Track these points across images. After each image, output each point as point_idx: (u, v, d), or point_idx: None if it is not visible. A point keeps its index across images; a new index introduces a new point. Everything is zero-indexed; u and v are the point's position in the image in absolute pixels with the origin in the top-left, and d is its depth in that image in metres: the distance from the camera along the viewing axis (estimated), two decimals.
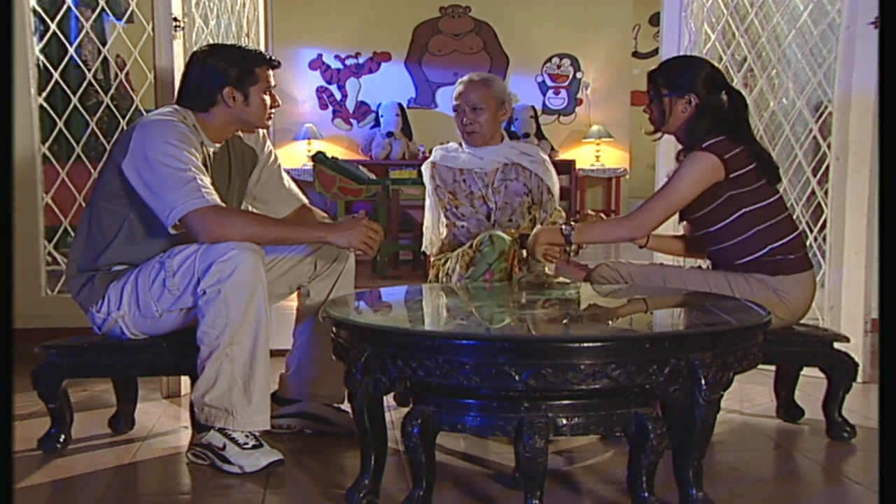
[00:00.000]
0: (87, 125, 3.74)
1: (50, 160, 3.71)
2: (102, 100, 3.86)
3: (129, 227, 2.42)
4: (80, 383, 3.19)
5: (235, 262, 2.21)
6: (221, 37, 3.68)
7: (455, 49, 10.02)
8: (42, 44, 3.75)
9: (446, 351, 1.77)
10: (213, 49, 2.54)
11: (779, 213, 2.59)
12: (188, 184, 2.26)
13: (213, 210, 2.26)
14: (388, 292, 2.67)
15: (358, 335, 1.94)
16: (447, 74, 10.01)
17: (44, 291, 3.69)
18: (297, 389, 2.67)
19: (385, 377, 1.88)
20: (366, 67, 9.99)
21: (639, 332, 2.06)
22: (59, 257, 3.79)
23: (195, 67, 2.49)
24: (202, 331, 2.25)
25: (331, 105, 9.97)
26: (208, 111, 2.47)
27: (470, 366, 1.75)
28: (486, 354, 1.75)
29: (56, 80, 3.68)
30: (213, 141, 2.51)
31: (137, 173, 2.31)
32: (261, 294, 2.26)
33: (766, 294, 2.51)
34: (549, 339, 1.88)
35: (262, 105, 2.48)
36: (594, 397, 1.83)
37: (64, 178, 3.72)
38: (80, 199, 3.69)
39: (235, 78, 2.45)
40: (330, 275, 2.62)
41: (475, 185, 3.09)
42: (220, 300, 2.22)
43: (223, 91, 2.45)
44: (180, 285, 2.30)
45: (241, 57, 2.48)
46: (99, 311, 2.42)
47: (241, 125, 2.53)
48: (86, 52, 4.65)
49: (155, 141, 2.31)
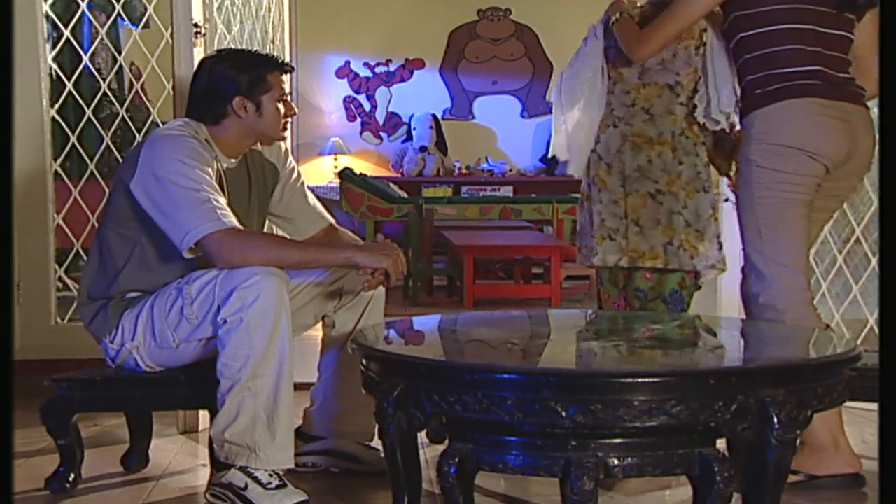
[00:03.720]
0: (100, 139, 3.79)
1: (62, 177, 3.76)
2: (116, 111, 3.91)
3: (142, 251, 2.45)
4: (91, 418, 3.24)
5: (258, 289, 2.24)
6: (245, 43, 3.73)
7: (494, 55, 10.07)
8: (55, 52, 3.78)
9: (486, 385, 1.79)
10: (220, 55, 2.59)
11: (778, 42, 2.52)
12: (203, 205, 2.30)
13: (232, 233, 2.30)
14: (422, 321, 2.69)
15: (390, 367, 1.96)
16: (485, 83, 10.06)
17: (54, 319, 3.72)
18: (323, 425, 2.69)
19: (419, 412, 1.89)
20: (397, 76, 10.07)
21: (701, 366, 2.05)
22: (70, 283, 3.83)
23: (203, 76, 2.53)
24: (223, 363, 2.28)
25: (359, 117, 10.05)
26: (220, 123, 2.50)
27: (512, 401, 1.76)
28: (529, 389, 1.76)
29: (69, 90, 3.73)
30: (229, 156, 2.54)
31: (147, 195, 2.35)
32: (285, 323, 2.28)
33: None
34: (599, 373, 1.88)
35: (276, 114, 2.51)
36: (651, 436, 1.81)
37: (76, 198, 3.76)
38: (94, 219, 3.73)
39: (246, 86, 2.47)
40: (357, 303, 2.65)
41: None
42: (242, 330, 2.25)
43: (233, 101, 2.47)
44: (199, 314, 2.33)
45: (251, 63, 2.51)
46: (112, 342, 2.46)
47: (256, 138, 2.56)
48: (99, 60, 4.73)
49: (164, 159, 2.35)
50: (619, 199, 2.92)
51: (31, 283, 3.64)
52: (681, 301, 2.95)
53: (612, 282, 2.99)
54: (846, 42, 2.58)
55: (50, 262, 3.71)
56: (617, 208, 2.92)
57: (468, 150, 9.95)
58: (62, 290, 3.85)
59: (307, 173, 9.89)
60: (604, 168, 2.94)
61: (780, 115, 2.51)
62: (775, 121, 2.51)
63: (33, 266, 3.64)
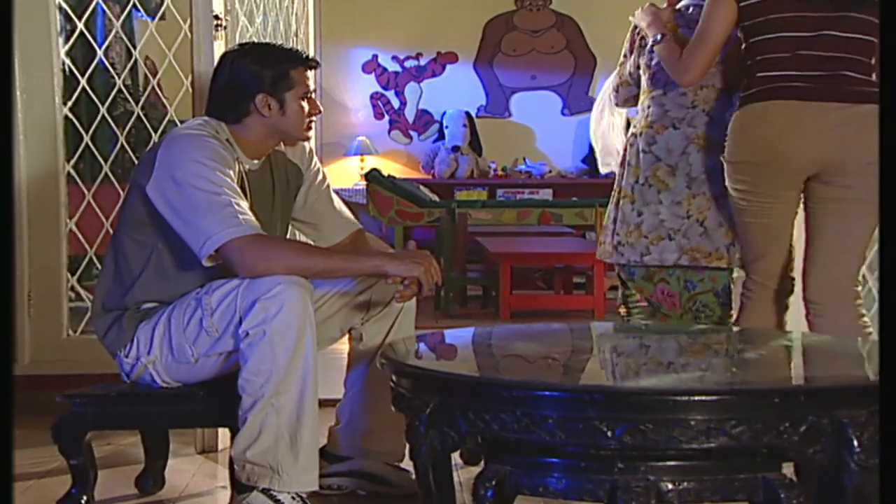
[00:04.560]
0: (114, 139, 3.82)
1: (75, 180, 3.78)
2: (131, 109, 3.94)
3: (158, 259, 2.48)
4: (105, 436, 3.28)
5: (282, 300, 2.26)
6: (268, 36, 3.76)
7: (533, 48, 10.06)
8: (68, 46, 3.80)
9: (525, 402, 1.79)
10: (243, 49, 2.61)
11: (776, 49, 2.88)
12: (224, 209, 2.32)
13: (254, 240, 2.32)
14: (455, 334, 2.70)
15: (422, 383, 1.97)
16: (523, 78, 10.05)
17: (66, 332, 3.74)
18: (349, 445, 2.71)
19: (453, 432, 1.90)
20: (428, 70, 10.09)
21: (765, 383, 2.04)
22: (83, 292, 3.85)
23: (224, 72, 2.56)
24: (245, 378, 2.30)
25: (387, 114, 10.08)
26: (241, 122, 2.52)
27: (553, 420, 1.76)
28: (572, 407, 1.76)
29: (83, 87, 3.76)
30: (251, 157, 2.56)
31: (164, 199, 2.37)
32: (310, 336, 2.30)
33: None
34: (650, 390, 1.88)
35: (300, 113, 2.53)
36: (708, 458, 1.80)
37: (90, 201, 3.78)
38: (108, 225, 3.77)
39: (269, 83, 2.50)
40: (386, 315, 2.66)
41: None
42: (265, 343, 2.26)
43: (255, 98, 2.50)
44: (220, 326, 2.35)
45: (274, 58, 2.53)
46: (127, 356, 2.48)
47: (280, 138, 2.58)
48: (113, 55, 4.76)
49: (183, 160, 2.37)
50: (682, 200, 3.14)
51: (42, 292, 3.68)
52: (730, 296, 3.20)
53: (646, 278, 3.23)
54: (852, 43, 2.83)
55: (62, 270, 3.73)
56: (679, 209, 3.14)
57: (504, 151, 9.94)
58: (75, 300, 3.87)
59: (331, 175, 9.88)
60: (664, 170, 3.16)
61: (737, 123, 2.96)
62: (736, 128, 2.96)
63: (44, 275, 3.67)
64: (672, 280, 3.21)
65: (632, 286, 3.28)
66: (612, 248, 3.25)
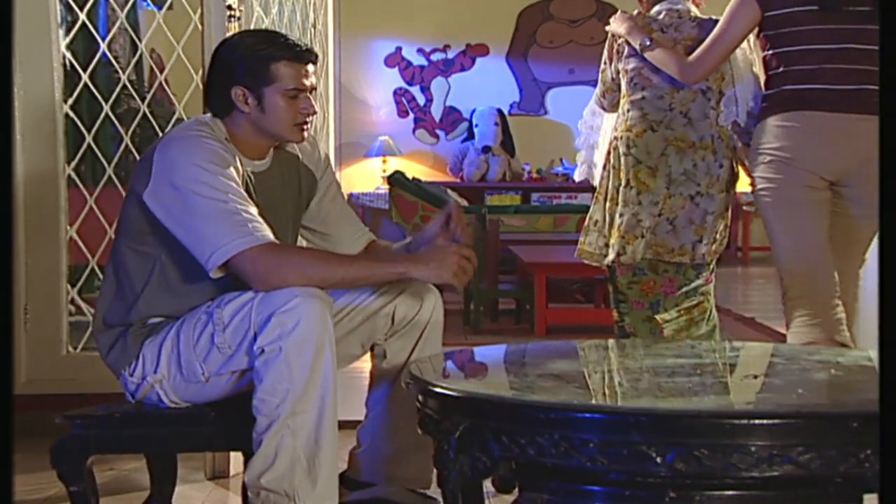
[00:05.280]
0: (117, 139, 3.83)
1: (75, 183, 3.79)
2: (136, 107, 3.96)
3: (162, 270, 2.49)
4: (108, 461, 3.30)
5: (298, 314, 2.27)
6: (284, 27, 3.79)
7: (571, 39, 10.08)
8: (69, 38, 3.81)
9: (564, 425, 1.79)
10: (233, 37, 2.64)
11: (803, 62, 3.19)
12: (230, 217, 2.33)
13: (268, 250, 2.33)
14: (486, 351, 2.71)
15: (451, 404, 1.98)
16: (560, 72, 10.07)
17: (65, 348, 3.75)
18: (372, 470, 2.72)
19: (485, 456, 1.90)
20: (456, 64, 10.13)
21: (840, 405, 2.02)
22: (84, 305, 3.86)
23: (213, 59, 2.59)
24: (259, 398, 2.31)
25: (412, 112, 10.12)
26: (230, 116, 2.54)
27: (595, 444, 1.76)
28: (616, 430, 1.76)
29: (85, 82, 3.78)
30: (251, 157, 2.56)
31: (165, 207, 2.38)
32: (329, 352, 2.31)
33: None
34: (706, 413, 1.86)
35: (282, 111, 2.51)
36: (772, 488, 1.79)
37: (92, 206, 3.79)
38: (111, 232, 3.71)
39: (245, 75, 2.49)
40: (411, 330, 2.67)
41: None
42: (281, 360, 2.27)
43: (231, 91, 2.50)
44: (232, 342, 2.36)
45: (256, 48, 2.51)
46: (132, 375, 2.50)
47: (268, 138, 2.57)
48: (116, 48, 4.79)
49: (181, 165, 2.38)
50: (660, 201, 3.54)
51: (39, 305, 3.69)
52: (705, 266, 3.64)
53: (653, 270, 3.60)
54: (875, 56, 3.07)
55: (61, 281, 3.74)
56: (655, 208, 3.55)
57: (539, 151, 9.96)
58: (75, 314, 3.88)
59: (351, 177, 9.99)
60: (645, 171, 3.55)
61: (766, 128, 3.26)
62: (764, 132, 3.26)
63: (42, 286, 3.68)
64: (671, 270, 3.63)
65: (636, 287, 3.62)
66: (600, 250, 3.67)
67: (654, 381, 2.20)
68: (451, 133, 10.14)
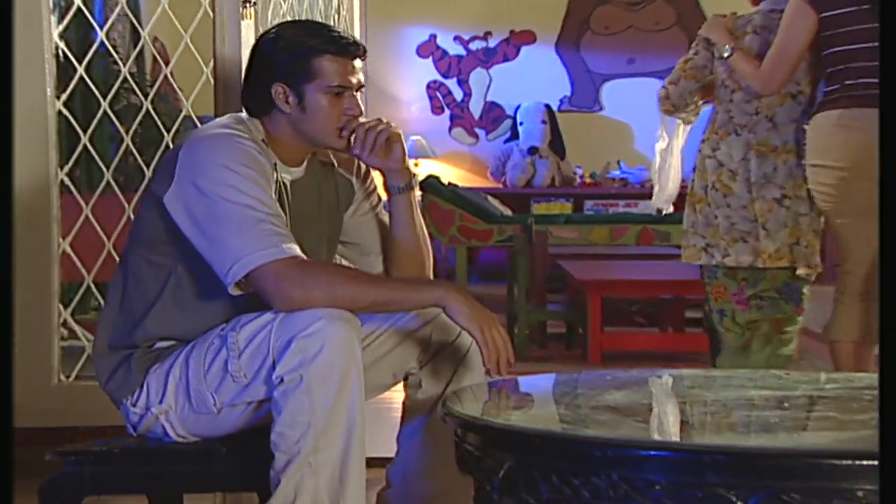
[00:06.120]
0: (117, 140, 3.86)
1: (70, 190, 3.80)
2: (136, 103, 3.98)
3: (176, 285, 2.52)
4: (105, 503, 3.33)
5: (322, 338, 2.28)
6: (305, 14, 3.80)
7: (631, 25, 10.06)
8: (62, 26, 3.82)
9: (625, 463, 1.79)
10: (277, 27, 2.67)
11: (857, 59, 3.70)
12: (257, 226, 2.36)
13: (293, 264, 2.35)
14: (533, 381, 2.72)
15: (494, 440, 1.99)
16: (618, 62, 10.05)
17: (57, 376, 3.75)
18: None
19: (533, 499, 1.90)
20: (499, 53, 10.15)
21: None
22: (78, 329, 3.87)
23: (252, 53, 2.64)
24: (278, 432, 2.32)
25: (448, 108, 10.15)
26: (269, 116, 2.57)
27: (662, 486, 1.76)
28: (688, 470, 1.76)
29: (80, 75, 3.79)
30: (288, 163, 2.60)
31: (187, 211, 2.41)
32: (356, 382, 2.33)
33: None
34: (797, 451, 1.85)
35: (324, 112, 2.54)
36: None
37: (88, 216, 3.80)
38: (110, 245, 3.79)
39: (285, 70, 2.53)
40: (449, 357, 2.67)
41: None
42: (302, 391, 2.29)
43: (271, 88, 2.54)
44: (248, 370, 2.38)
45: (298, 40, 2.54)
46: (135, 405, 2.52)
47: (310, 142, 2.61)
48: (115, 36, 4.80)
49: (209, 165, 2.41)
50: (747, 205, 4.01)
51: (28, 328, 3.64)
52: (798, 292, 4.09)
53: (729, 276, 4.09)
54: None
55: (53, 300, 3.74)
56: (747, 212, 4.01)
57: (594, 152, 9.95)
58: (68, 338, 3.89)
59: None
60: (727, 174, 4.05)
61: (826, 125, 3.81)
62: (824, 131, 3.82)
63: (32, 306, 3.67)
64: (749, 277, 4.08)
65: (711, 288, 4.15)
66: (700, 250, 4.11)
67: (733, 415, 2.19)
68: (493, 132, 10.16)
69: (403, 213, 2.75)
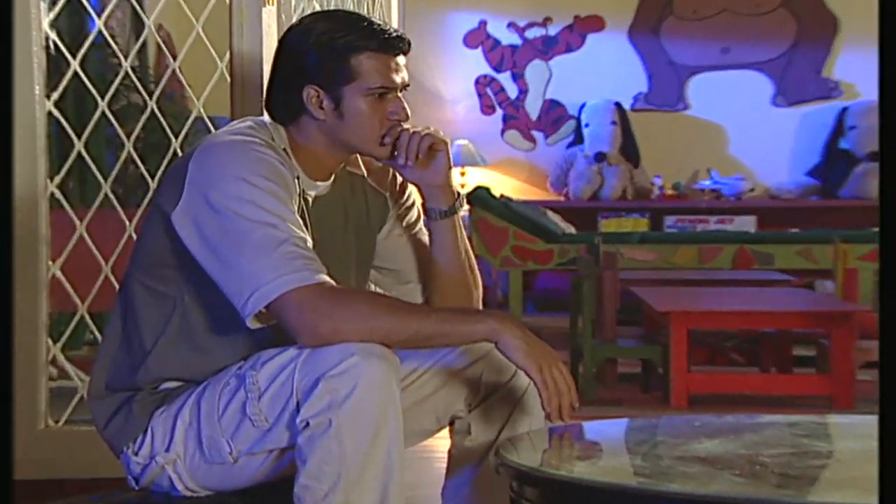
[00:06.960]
0: (115, 146, 3.89)
1: (61, 205, 3.81)
2: (138, 102, 4.04)
3: (183, 317, 2.54)
4: None
5: (355, 377, 2.30)
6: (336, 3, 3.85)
7: (724, 8, 9.99)
8: (54, 14, 3.84)
9: None
10: (308, 18, 2.69)
11: None
12: (279, 248, 2.38)
13: (320, 291, 2.37)
14: (601, 427, 2.74)
15: (558, 495, 2.02)
16: (707, 52, 9.99)
17: (44, 421, 3.76)
18: None
19: None
20: (560, 43, 10.16)
21: None
22: (69, 367, 3.88)
23: (278, 50, 2.65)
24: (302, 485, 2.34)
25: (500, 108, 10.16)
26: (297, 122, 2.60)
27: None
28: None
29: (74, 70, 3.81)
30: (313, 177, 2.63)
31: (197, 231, 2.44)
32: (393, 427, 2.34)
33: None
34: None
35: (365, 118, 2.56)
36: None
37: (83, 235, 3.81)
38: (107, 269, 3.82)
39: (320, 71, 2.55)
40: (502, 400, 2.68)
41: None
42: (330, 437, 2.31)
43: (303, 91, 2.57)
44: (270, 413, 2.40)
45: (330, 35, 2.56)
46: (137, 453, 2.54)
47: (345, 150, 2.64)
48: (114, 25, 4.83)
49: (224, 177, 2.44)
50: None
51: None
52: None
53: None
54: None
55: (40, 334, 3.75)
56: None
57: (677, 159, 9.93)
58: (58, 377, 3.91)
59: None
60: None
61: None
62: None
63: (16, 341, 3.70)
64: None
65: None
66: None
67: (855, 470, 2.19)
68: (553, 135, 10.16)
69: (446, 237, 2.77)
